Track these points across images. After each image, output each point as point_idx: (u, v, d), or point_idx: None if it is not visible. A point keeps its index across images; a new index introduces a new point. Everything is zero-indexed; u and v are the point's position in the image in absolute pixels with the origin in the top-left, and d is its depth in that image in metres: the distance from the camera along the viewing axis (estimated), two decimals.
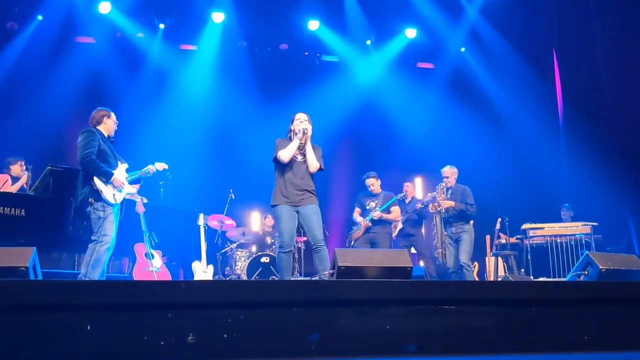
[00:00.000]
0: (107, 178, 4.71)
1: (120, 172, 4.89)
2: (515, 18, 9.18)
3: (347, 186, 9.13)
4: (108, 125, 4.96)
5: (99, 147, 4.75)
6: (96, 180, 4.65)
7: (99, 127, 4.90)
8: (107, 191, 4.70)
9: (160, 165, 5.30)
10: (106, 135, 4.94)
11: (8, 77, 8.40)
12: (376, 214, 6.88)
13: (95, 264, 4.55)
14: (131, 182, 5.08)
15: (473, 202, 6.40)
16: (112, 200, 4.72)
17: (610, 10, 8.27)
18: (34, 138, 7.89)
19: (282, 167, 4.83)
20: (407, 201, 7.61)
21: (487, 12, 9.34)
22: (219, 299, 2.78)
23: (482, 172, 8.55)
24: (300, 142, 4.83)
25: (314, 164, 4.84)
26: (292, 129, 4.94)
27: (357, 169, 7.94)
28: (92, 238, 4.64)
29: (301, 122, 4.89)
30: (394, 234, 7.41)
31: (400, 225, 7.37)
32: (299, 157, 4.87)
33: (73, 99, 8.45)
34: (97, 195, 4.65)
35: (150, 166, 5.24)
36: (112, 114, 5.02)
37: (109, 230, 4.64)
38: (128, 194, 5.03)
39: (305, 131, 4.81)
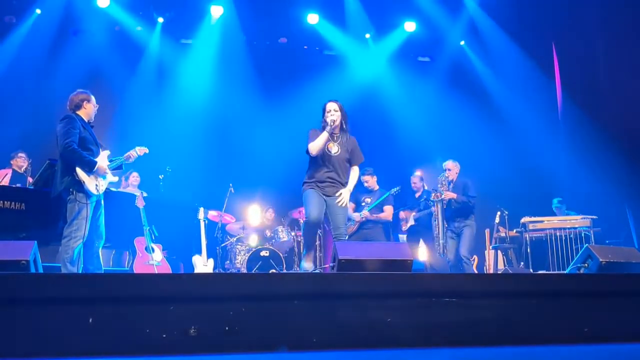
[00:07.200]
0: (90, 168, 4.50)
1: (102, 159, 4.67)
2: (514, 11, 9.15)
3: None
4: (88, 110, 4.72)
5: (79, 135, 4.52)
6: (79, 171, 4.45)
7: (78, 112, 4.67)
8: (89, 182, 4.49)
9: (140, 150, 5.02)
10: (86, 121, 4.70)
11: (6, 72, 8.36)
12: (364, 213, 6.80)
13: (72, 261, 4.38)
14: (113, 169, 4.85)
15: (474, 195, 6.36)
16: (94, 191, 4.52)
17: (610, 3, 8.25)
18: (33, 132, 7.86)
19: (316, 157, 4.83)
20: (417, 195, 7.54)
21: (487, 5, 9.31)
22: (220, 291, 2.79)
23: (482, 166, 8.54)
24: (329, 133, 4.79)
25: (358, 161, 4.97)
26: (324, 121, 4.90)
27: None
28: (65, 233, 4.43)
29: (331, 114, 4.85)
30: (404, 228, 7.39)
31: (412, 222, 7.33)
32: (333, 150, 4.86)
33: (72, 93, 8.40)
34: (80, 186, 4.46)
35: (131, 151, 4.94)
36: (92, 97, 4.77)
37: (82, 226, 4.42)
38: (110, 183, 4.82)
39: (333, 123, 4.79)
